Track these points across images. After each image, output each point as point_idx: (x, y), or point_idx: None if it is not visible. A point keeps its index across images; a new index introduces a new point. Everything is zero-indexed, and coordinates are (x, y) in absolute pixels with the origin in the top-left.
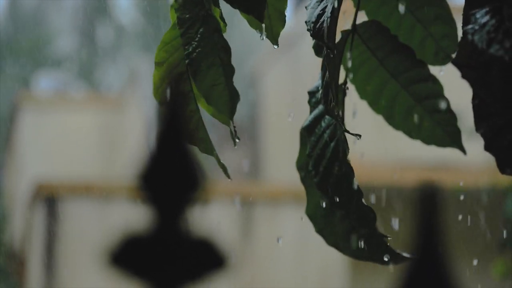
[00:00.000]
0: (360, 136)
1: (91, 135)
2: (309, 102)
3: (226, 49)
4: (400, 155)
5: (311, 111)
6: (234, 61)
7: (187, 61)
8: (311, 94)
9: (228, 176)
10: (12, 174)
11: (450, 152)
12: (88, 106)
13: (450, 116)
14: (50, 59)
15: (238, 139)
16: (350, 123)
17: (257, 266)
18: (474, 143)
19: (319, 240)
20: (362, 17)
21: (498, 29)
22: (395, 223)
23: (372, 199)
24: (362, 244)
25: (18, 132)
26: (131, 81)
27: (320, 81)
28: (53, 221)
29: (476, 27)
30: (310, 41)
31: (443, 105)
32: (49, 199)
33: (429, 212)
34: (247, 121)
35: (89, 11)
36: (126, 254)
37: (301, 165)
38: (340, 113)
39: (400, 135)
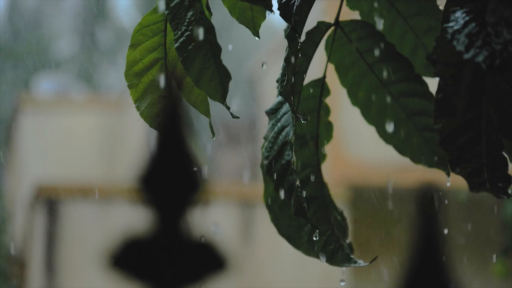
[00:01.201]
0: (306, 120)
1: (92, 137)
2: (278, 88)
3: (210, 30)
4: (400, 156)
5: (277, 96)
6: (233, 62)
7: (176, 45)
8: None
9: (213, 133)
10: (13, 176)
11: None
12: (88, 108)
13: None
14: (50, 61)
15: (235, 117)
16: (349, 122)
17: (257, 268)
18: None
19: None
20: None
21: (479, 34)
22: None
23: (372, 199)
24: (316, 240)
25: (19, 134)
26: None
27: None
28: (54, 223)
29: (456, 27)
30: None
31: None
32: (49, 201)
33: (428, 213)
34: (247, 122)
35: (89, 13)
36: (127, 256)
37: (264, 151)
38: (294, 97)
39: None
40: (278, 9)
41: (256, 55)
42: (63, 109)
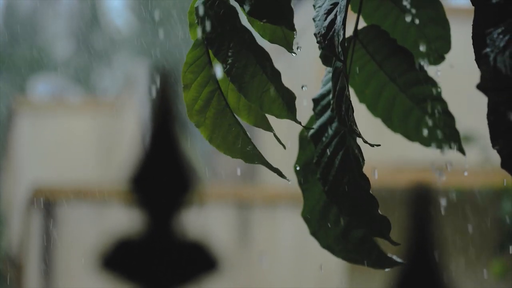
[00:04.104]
0: (379, 145)
1: (88, 139)
2: (314, 109)
3: (265, 56)
4: (394, 157)
5: (316, 119)
6: None
7: (229, 78)
8: (316, 101)
9: (285, 177)
10: (9, 179)
11: (448, 154)
12: (84, 111)
13: (447, 117)
14: (46, 64)
15: (283, 146)
16: None
17: (254, 269)
18: (469, 145)
19: (316, 242)
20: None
21: None
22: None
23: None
24: (354, 247)
25: (15, 137)
26: (127, 85)
27: (324, 89)
28: (50, 226)
29: (497, 50)
30: (307, 40)
31: (440, 107)
32: (46, 204)
33: (423, 213)
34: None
35: (83, 16)
36: (118, 258)
37: (299, 168)
38: (354, 123)
39: (394, 137)
40: (317, 42)
41: None
42: (59, 112)
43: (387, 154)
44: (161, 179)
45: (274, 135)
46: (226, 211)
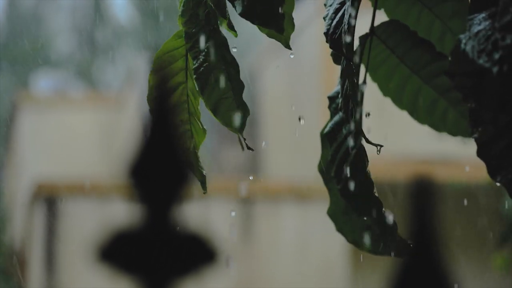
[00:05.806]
0: (381, 146)
1: (90, 135)
2: (329, 107)
3: (234, 65)
4: (395, 150)
5: (331, 117)
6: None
7: (195, 76)
8: (331, 99)
9: (205, 189)
10: (12, 174)
11: (448, 147)
12: (87, 106)
13: None
14: (48, 59)
15: (249, 148)
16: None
17: (257, 264)
18: (472, 138)
19: (318, 237)
20: (381, 15)
21: (488, 39)
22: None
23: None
24: (375, 239)
25: (18, 132)
26: (129, 80)
27: (339, 87)
28: (53, 221)
29: (469, 36)
30: (308, 37)
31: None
32: (49, 199)
33: (424, 206)
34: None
35: (86, 10)
36: (118, 250)
37: (323, 168)
38: (359, 119)
39: (394, 130)
40: (326, 41)
41: (255, 51)
42: (61, 107)
43: (387, 147)
44: (161, 173)
45: (239, 138)
46: (229, 205)
